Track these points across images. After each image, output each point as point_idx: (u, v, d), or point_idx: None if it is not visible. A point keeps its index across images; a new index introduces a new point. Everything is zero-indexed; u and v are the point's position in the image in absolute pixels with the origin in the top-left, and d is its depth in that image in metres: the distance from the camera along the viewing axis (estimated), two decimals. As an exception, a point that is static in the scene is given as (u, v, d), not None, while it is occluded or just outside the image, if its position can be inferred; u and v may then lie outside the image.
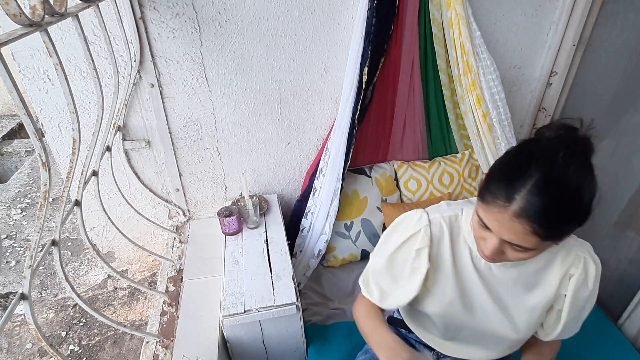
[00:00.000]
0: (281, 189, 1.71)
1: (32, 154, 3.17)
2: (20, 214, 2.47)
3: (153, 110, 1.39)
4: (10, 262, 2.10)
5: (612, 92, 1.49)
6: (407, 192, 1.66)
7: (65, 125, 1.38)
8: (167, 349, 1.11)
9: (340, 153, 1.43)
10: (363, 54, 1.33)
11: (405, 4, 1.36)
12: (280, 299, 1.17)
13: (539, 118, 1.79)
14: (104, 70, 1.30)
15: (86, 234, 0.99)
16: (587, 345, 1.22)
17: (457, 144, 1.72)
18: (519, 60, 1.64)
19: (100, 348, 1.71)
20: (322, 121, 1.57)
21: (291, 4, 1.31)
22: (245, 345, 1.21)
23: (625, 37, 1.41)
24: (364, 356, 1.10)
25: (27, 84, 1.27)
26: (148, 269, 1.82)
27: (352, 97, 1.37)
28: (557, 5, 1.52)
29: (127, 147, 1.45)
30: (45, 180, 0.71)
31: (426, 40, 1.46)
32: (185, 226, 1.63)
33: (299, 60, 1.42)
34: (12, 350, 1.71)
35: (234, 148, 1.54)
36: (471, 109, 1.51)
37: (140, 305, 1.88)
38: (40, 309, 1.89)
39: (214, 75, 1.38)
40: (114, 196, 1.53)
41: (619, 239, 1.44)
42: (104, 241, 1.67)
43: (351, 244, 1.59)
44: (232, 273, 1.27)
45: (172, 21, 1.26)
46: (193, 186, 1.59)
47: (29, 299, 0.74)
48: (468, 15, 1.36)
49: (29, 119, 0.65)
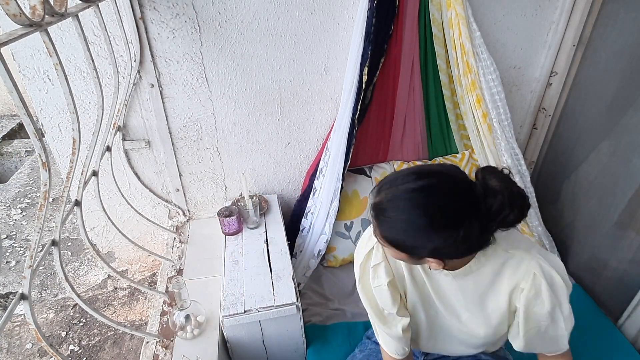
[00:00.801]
0: (281, 189, 1.71)
1: (32, 154, 3.17)
2: (20, 214, 2.47)
3: (153, 110, 1.39)
4: (10, 262, 2.10)
5: (612, 92, 1.49)
6: (407, 192, 1.66)
7: (65, 125, 1.37)
8: (167, 349, 1.11)
9: (340, 153, 1.43)
10: (363, 54, 1.33)
11: (405, 4, 1.36)
12: (280, 299, 1.17)
13: (539, 118, 1.79)
14: (104, 70, 1.30)
15: (86, 234, 0.99)
16: (587, 345, 1.22)
17: (457, 144, 1.72)
18: (519, 60, 1.63)
19: (100, 348, 1.71)
20: (322, 121, 1.57)
21: (291, 4, 1.31)
22: (245, 345, 1.21)
23: (625, 37, 1.41)
24: (361, 355, 1.11)
25: (27, 84, 1.27)
26: (148, 269, 1.82)
27: (352, 97, 1.37)
28: (557, 5, 1.52)
29: (127, 147, 1.45)
30: (45, 180, 0.71)
31: (426, 41, 1.46)
32: (185, 226, 1.63)
33: (299, 60, 1.42)
34: (12, 350, 1.71)
35: (234, 148, 1.54)
36: (471, 109, 1.51)
37: (140, 305, 1.88)
38: (40, 309, 1.89)
39: (214, 76, 1.38)
40: (114, 196, 1.53)
41: (619, 239, 1.43)
42: (104, 241, 1.67)
43: (351, 244, 1.59)
44: (232, 273, 1.27)
45: (172, 21, 1.26)
46: (193, 186, 1.59)
47: (29, 299, 0.74)
48: (468, 15, 1.36)
49: (29, 119, 0.65)
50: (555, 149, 1.80)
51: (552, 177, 1.82)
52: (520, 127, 1.84)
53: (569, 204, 1.71)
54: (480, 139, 1.56)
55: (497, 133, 1.51)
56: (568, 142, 1.71)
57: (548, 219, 1.70)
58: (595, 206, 1.56)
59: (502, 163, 1.56)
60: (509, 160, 1.54)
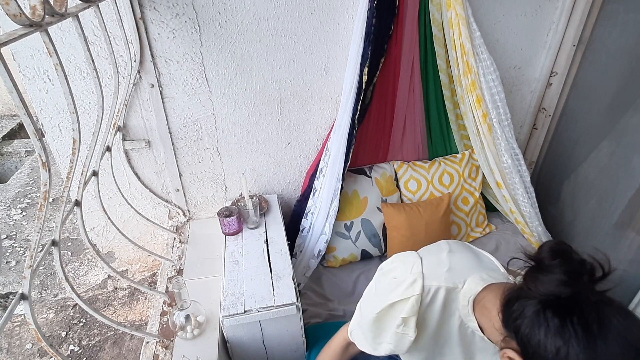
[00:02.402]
0: (281, 189, 1.71)
1: (32, 154, 3.17)
2: (20, 214, 2.47)
3: (153, 111, 1.39)
4: (10, 262, 2.10)
5: (612, 92, 1.49)
6: (407, 192, 1.66)
7: (65, 125, 1.37)
8: (167, 349, 1.11)
9: (341, 153, 1.43)
10: (363, 54, 1.33)
11: (405, 4, 1.36)
12: (280, 299, 1.17)
13: (539, 118, 1.79)
14: (104, 70, 1.30)
15: (86, 234, 0.99)
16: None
17: (457, 144, 1.72)
18: (519, 60, 1.64)
19: (100, 348, 1.71)
20: (322, 121, 1.57)
21: (291, 4, 1.31)
22: (245, 345, 1.21)
23: (625, 37, 1.41)
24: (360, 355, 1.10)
25: (27, 84, 1.27)
26: (148, 269, 1.82)
27: (352, 97, 1.37)
28: (557, 5, 1.52)
29: (127, 147, 1.45)
30: (45, 180, 0.71)
31: (426, 41, 1.46)
32: (185, 226, 1.63)
33: (299, 60, 1.42)
34: (12, 351, 1.71)
35: (234, 148, 1.54)
36: (471, 109, 1.51)
37: (140, 305, 1.88)
38: (40, 309, 1.89)
39: (214, 76, 1.38)
40: (114, 196, 1.53)
41: (619, 239, 1.44)
42: (104, 241, 1.67)
43: (351, 244, 1.59)
44: (232, 273, 1.27)
45: (172, 21, 1.26)
46: (193, 186, 1.59)
47: (29, 299, 0.74)
48: (468, 15, 1.36)
49: (29, 119, 0.65)
50: (555, 149, 1.80)
51: (552, 177, 1.82)
52: (520, 127, 1.84)
53: (569, 204, 1.71)
54: (480, 139, 1.56)
55: (497, 133, 1.51)
56: (568, 142, 1.72)
57: (548, 219, 1.70)
58: (595, 206, 1.56)
59: (502, 163, 1.56)
60: (509, 160, 1.54)
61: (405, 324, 0.79)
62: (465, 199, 1.69)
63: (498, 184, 1.63)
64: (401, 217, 1.55)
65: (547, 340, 0.55)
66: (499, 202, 1.74)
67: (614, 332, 0.53)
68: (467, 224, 1.71)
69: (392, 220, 1.57)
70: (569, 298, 0.55)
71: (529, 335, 0.57)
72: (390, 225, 1.59)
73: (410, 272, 0.79)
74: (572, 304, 0.55)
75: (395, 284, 0.80)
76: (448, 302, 0.77)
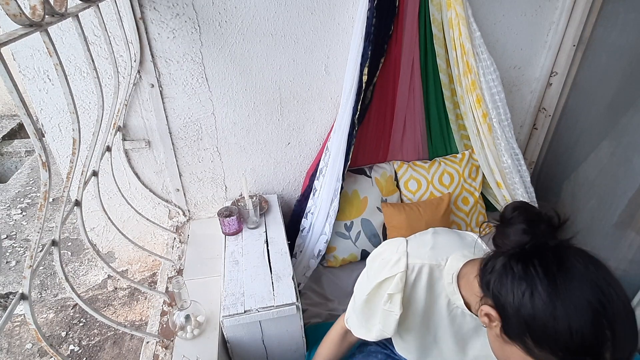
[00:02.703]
0: (281, 189, 1.71)
1: (32, 154, 3.17)
2: (20, 214, 2.47)
3: (153, 111, 1.39)
4: (10, 262, 2.10)
5: (612, 92, 1.49)
6: (407, 192, 1.66)
7: (65, 125, 1.37)
8: (167, 349, 1.11)
9: (341, 153, 1.43)
10: (363, 54, 1.33)
11: (405, 4, 1.36)
12: (280, 299, 1.17)
13: (539, 118, 1.79)
14: (104, 70, 1.30)
15: (86, 234, 0.99)
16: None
17: (457, 144, 1.72)
18: (519, 60, 1.64)
19: (100, 348, 1.71)
20: (322, 121, 1.57)
21: (291, 4, 1.31)
22: (245, 345, 1.21)
23: (625, 37, 1.41)
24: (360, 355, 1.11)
25: (27, 84, 1.27)
26: (148, 269, 1.82)
27: (352, 97, 1.37)
28: (557, 5, 1.52)
29: (127, 147, 1.45)
30: (45, 180, 0.71)
31: (426, 41, 1.46)
32: (185, 226, 1.63)
33: (299, 61, 1.42)
34: (12, 350, 1.71)
35: (234, 148, 1.54)
36: (471, 109, 1.51)
37: (140, 305, 1.88)
38: (40, 309, 1.89)
39: (214, 76, 1.38)
40: (114, 196, 1.53)
41: (619, 239, 1.44)
42: (104, 241, 1.67)
43: (351, 244, 1.59)
44: (232, 273, 1.27)
45: (172, 21, 1.26)
46: (193, 186, 1.59)
47: (29, 299, 0.74)
48: (468, 15, 1.36)
49: (29, 119, 0.65)
50: (555, 149, 1.80)
51: (552, 177, 1.82)
52: (520, 127, 1.84)
53: (569, 204, 1.71)
54: (480, 139, 1.56)
55: (497, 133, 1.51)
56: (568, 142, 1.72)
57: (548, 219, 1.70)
58: (595, 206, 1.56)
59: (502, 163, 1.56)
60: (509, 160, 1.54)
61: (390, 300, 0.82)
62: (465, 199, 1.69)
63: (498, 184, 1.63)
64: (401, 217, 1.55)
65: (514, 287, 0.59)
66: (499, 202, 1.74)
67: (573, 270, 0.56)
68: (467, 224, 1.71)
69: (392, 220, 1.57)
70: (531, 247, 0.61)
71: (499, 286, 0.61)
72: (390, 225, 1.59)
73: (396, 251, 0.83)
74: (533, 250, 0.60)
75: (383, 264, 0.83)
76: (433, 280, 0.80)
